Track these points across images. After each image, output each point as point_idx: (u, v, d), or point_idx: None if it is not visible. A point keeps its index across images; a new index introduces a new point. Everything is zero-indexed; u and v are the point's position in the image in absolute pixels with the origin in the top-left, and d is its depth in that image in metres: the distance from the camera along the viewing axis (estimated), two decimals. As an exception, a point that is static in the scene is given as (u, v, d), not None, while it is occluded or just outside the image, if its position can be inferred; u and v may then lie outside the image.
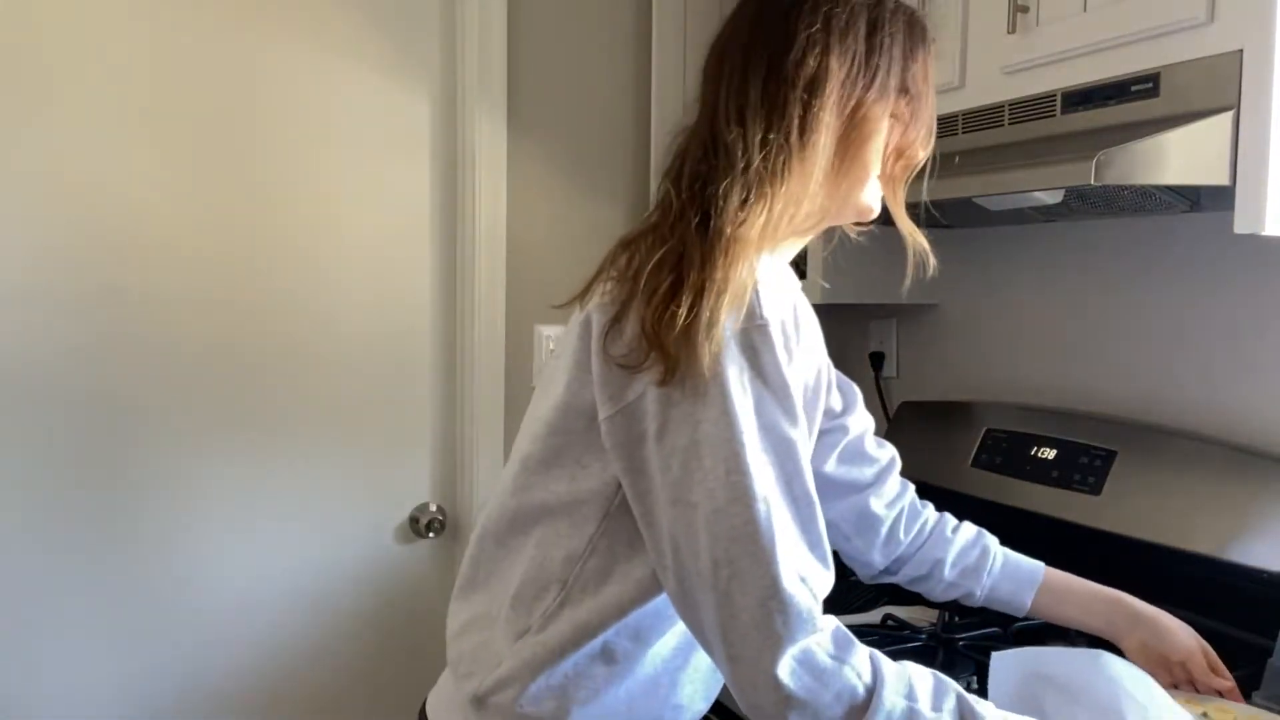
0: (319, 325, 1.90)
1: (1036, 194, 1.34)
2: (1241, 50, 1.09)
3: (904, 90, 0.94)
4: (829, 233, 1.11)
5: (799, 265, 1.89)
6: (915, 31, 0.95)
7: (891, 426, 1.95)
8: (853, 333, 2.21)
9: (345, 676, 1.97)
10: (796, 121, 0.88)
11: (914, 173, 1.01)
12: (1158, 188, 1.22)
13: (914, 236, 1.04)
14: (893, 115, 0.94)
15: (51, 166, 1.68)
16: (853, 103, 0.91)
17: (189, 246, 1.79)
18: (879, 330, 2.11)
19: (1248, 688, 1.15)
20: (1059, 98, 1.29)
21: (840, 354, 2.24)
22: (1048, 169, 1.18)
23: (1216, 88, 1.11)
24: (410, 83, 1.96)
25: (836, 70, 0.89)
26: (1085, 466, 1.52)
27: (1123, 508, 1.45)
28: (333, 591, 1.94)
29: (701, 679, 0.98)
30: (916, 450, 1.85)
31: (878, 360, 2.09)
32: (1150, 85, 1.18)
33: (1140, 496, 1.43)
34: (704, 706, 1.00)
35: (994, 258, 1.84)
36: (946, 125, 1.46)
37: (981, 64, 1.42)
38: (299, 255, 1.88)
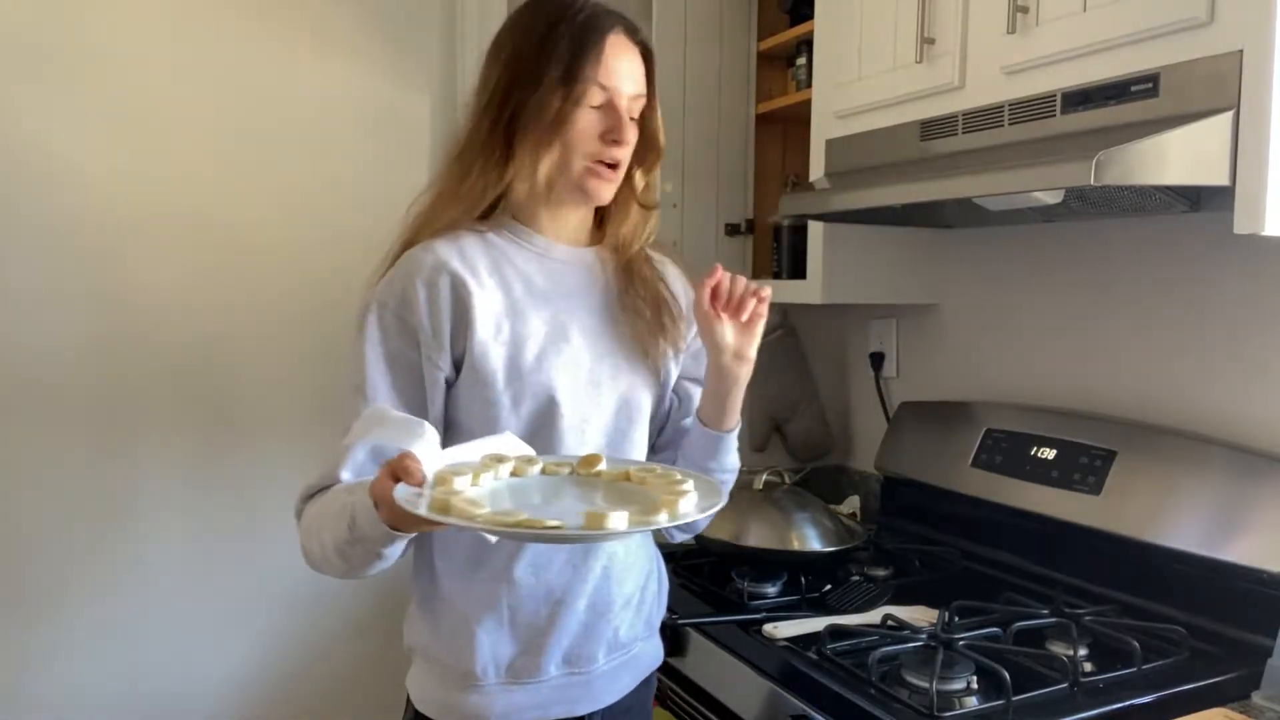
0: (319, 324, 1.90)
1: (1036, 194, 1.34)
2: (1241, 50, 1.09)
3: (577, 77, 1.07)
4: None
5: (800, 266, 1.90)
6: (598, 25, 1.09)
7: (891, 426, 1.95)
8: (853, 333, 2.21)
9: (344, 674, 1.97)
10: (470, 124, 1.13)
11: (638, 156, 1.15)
12: (1158, 188, 1.22)
13: (615, 223, 1.20)
14: (568, 100, 1.07)
15: (51, 165, 1.68)
16: (520, 98, 1.08)
17: (186, 247, 1.79)
18: (879, 330, 2.11)
19: (1248, 688, 1.15)
20: (1059, 98, 1.29)
21: (840, 354, 2.25)
22: (1048, 169, 1.17)
23: (1216, 88, 1.11)
24: (410, 82, 1.96)
25: (498, 75, 1.10)
26: (1085, 466, 1.52)
27: (1123, 508, 1.45)
28: (332, 588, 1.94)
29: None
30: (916, 450, 1.85)
31: (878, 360, 2.09)
32: (1150, 85, 1.18)
33: (1140, 496, 1.43)
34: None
35: (994, 258, 1.84)
36: (946, 125, 1.46)
37: (981, 64, 1.42)
38: (298, 254, 1.89)
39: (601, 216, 1.22)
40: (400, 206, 1.95)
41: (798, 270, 1.92)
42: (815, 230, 1.82)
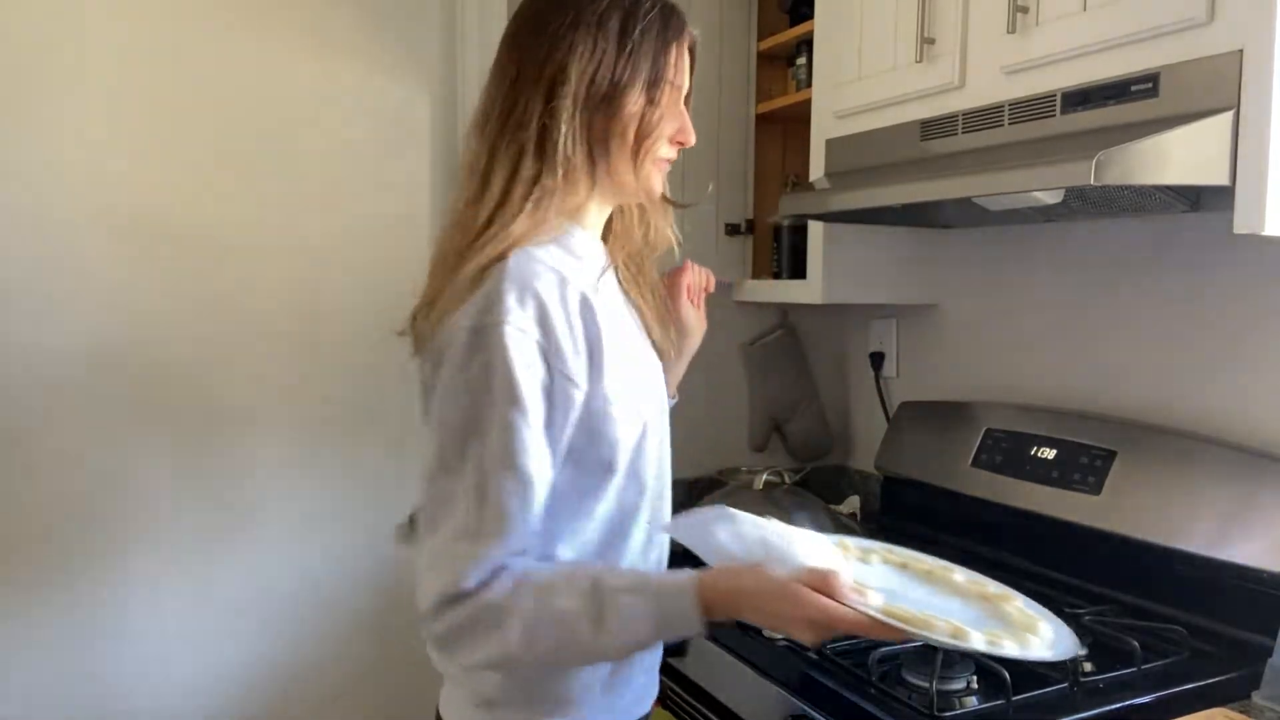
0: (319, 324, 1.90)
1: (1036, 194, 1.34)
2: (1241, 50, 1.09)
3: (658, 79, 1.04)
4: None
5: (800, 266, 1.90)
6: (670, 24, 1.06)
7: (891, 426, 1.95)
8: (853, 333, 2.21)
9: (347, 678, 1.96)
10: (535, 121, 1.00)
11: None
12: (1158, 188, 1.22)
13: (663, 223, 1.18)
14: (650, 103, 1.04)
15: (53, 165, 1.68)
16: (599, 95, 1.01)
17: (187, 245, 1.79)
18: (879, 330, 2.11)
19: (1248, 688, 1.15)
20: (1059, 98, 1.29)
21: (840, 354, 2.25)
22: (1048, 169, 1.17)
23: (1216, 88, 1.11)
24: (410, 80, 1.96)
25: (580, 68, 1.00)
26: (1085, 466, 1.52)
27: (1123, 508, 1.45)
28: (334, 593, 1.94)
29: None
30: (916, 450, 1.85)
31: (878, 360, 2.09)
32: (1150, 85, 1.18)
33: (1140, 496, 1.43)
34: None
35: (994, 258, 1.84)
36: (946, 125, 1.46)
37: (981, 64, 1.42)
38: (299, 253, 1.88)
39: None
40: (400, 207, 1.96)
41: (798, 270, 1.92)
42: (815, 230, 1.83)
